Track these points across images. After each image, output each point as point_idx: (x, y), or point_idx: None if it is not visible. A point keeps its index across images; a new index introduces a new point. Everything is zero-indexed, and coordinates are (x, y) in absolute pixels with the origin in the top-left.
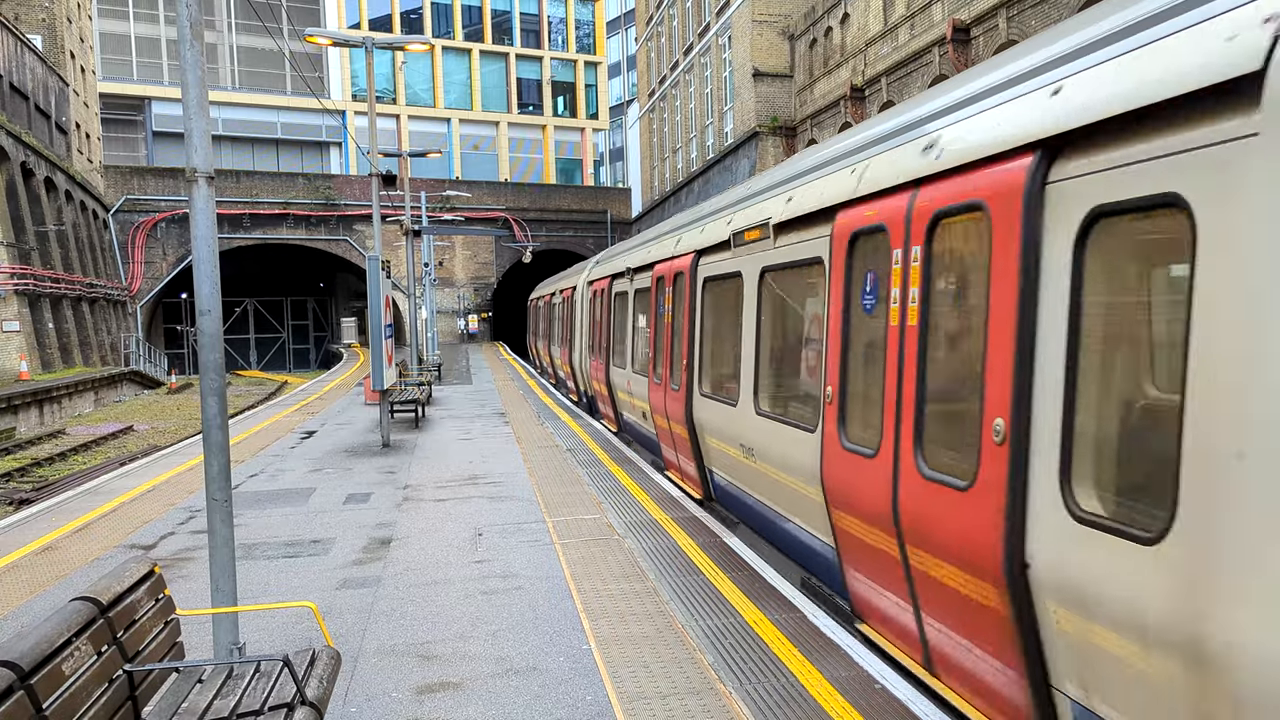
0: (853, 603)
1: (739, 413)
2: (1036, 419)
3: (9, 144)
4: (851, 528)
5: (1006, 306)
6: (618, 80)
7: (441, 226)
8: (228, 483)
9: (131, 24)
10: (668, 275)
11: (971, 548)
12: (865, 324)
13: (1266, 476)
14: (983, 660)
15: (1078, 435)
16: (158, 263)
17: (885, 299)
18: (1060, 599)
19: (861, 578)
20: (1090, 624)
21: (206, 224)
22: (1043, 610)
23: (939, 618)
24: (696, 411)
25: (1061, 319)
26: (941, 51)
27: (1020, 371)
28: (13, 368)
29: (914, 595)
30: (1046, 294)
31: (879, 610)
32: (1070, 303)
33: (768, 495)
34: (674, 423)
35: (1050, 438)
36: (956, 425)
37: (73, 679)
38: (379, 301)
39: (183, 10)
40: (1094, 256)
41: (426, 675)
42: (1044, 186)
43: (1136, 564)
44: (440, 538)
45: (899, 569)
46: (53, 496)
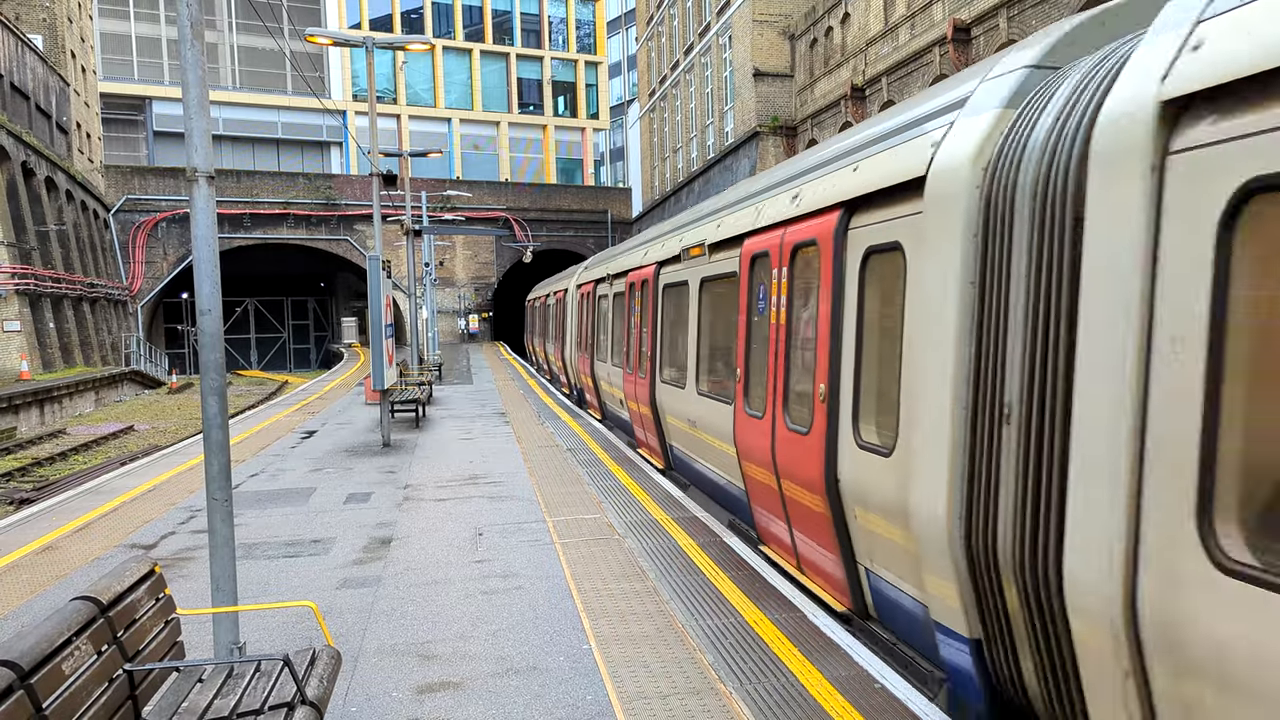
0: (757, 531)
1: (686, 394)
2: (841, 385)
3: (10, 144)
4: (752, 472)
5: (827, 310)
6: (618, 80)
7: (442, 226)
8: (228, 482)
9: (132, 24)
10: (636, 282)
11: (811, 473)
12: (758, 322)
13: (922, 417)
14: (820, 552)
15: (862, 396)
16: (158, 262)
17: (769, 304)
18: (856, 501)
19: (760, 510)
20: (869, 514)
21: (207, 224)
22: (849, 511)
23: (799, 529)
24: (658, 395)
25: (853, 319)
26: (942, 51)
27: (833, 353)
28: (13, 367)
29: (787, 516)
30: (846, 303)
31: (771, 533)
32: (857, 308)
33: (706, 458)
34: (642, 405)
35: (848, 397)
36: (804, 392)
37: (73, 678)
38: (380, 301)
39: (183, 10)
40: (869, 278)
41: (427, 675)
42: (846, 232)
43: (883, 472)
44: (441, 537)
45: (778, 498)
46: (53, 496)
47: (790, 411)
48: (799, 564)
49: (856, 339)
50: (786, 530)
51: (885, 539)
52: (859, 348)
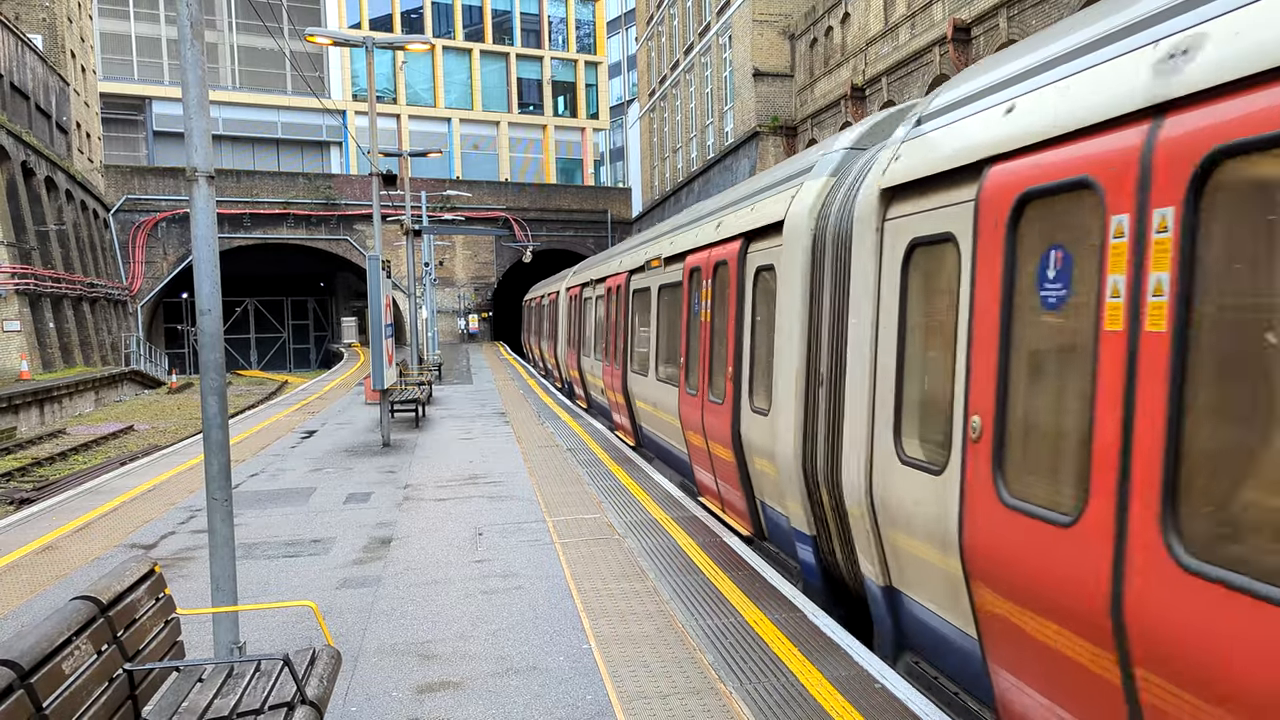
0: (696, 485)
1: (649, 380)
2: (742, 366)
3: (9, 143)
4: (691, 439)
5: (733, 313)
6: (618, 80)
7: (442, 226)
8: (228, 482)
9: (132, 23)
10: (613, 287)
11: (725, 433)
12: (694, 321)
13: (781, 386)
14: (734, 493)
15: (756, 373)
16: (158, 262)
17: (700, 307)
18: (752, 452)
19: (698, 468)
20: (758, 459)
21: (207, 223)
22: (749, 459)
23: (721, 478)
24: (629, 383)
25: (749, 319)
26: (942, 51)
27: (737, 344)
28: (13, 367)
29: (713, 469)
30: (745, 307)
31: (705, 485)
32: (751, 311)
33: (664, 432)
34: (617, 393)
35: (746, 375)
36: (720, 374)
37: (73, 678)
38: (379, 301)
39: (183, 10)
40: (758, 290)
41: (427, 674)
42: (746, 255)
43: (764, 428)
44: (440, 537)
45: (707, 456)
46: (53, 496)
47: (713, 388)
48: (722, 506)
49: (751, 333)
50: (713, 480)
51: (769, 476)
52: (752, 340)
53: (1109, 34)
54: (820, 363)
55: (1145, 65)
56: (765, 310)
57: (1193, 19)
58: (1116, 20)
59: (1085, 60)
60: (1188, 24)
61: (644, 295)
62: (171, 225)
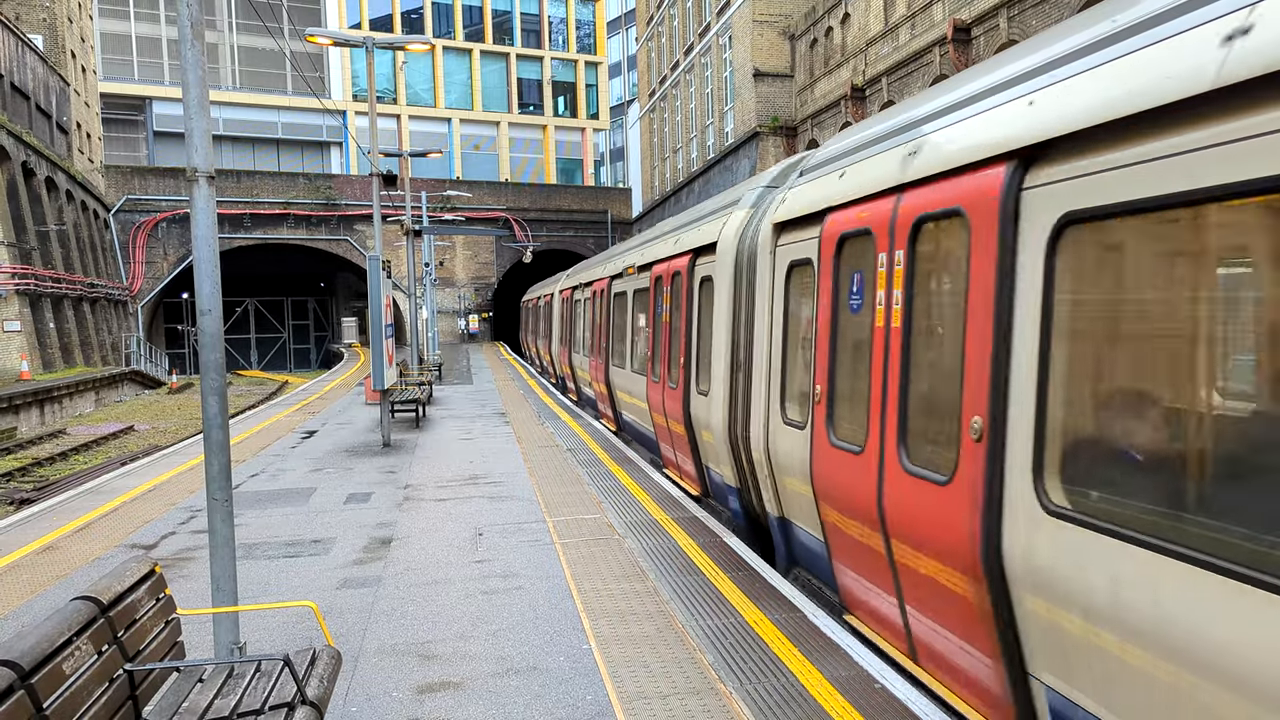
0: (661, 460)
1: (628, 372)
2: (690, 357)
3: (10, 144)
4: (656, 419)
5: (684, 313)
6: (618, 80)
7: (442, 226)
8: (228, 482)
9: (132, 24)
10: (597, 290)
11: (679, 412)
12: (660, 320)
13: (716, 372)
14: (688, 461)
15: (700, 363)
16: (159, 263)
17: (662, 308)
18: (700, 427)
19: (662, 444)
20: (705, 432)
21: (207, 224)
22: (698, 433)
23: (677, 450)
24: (611, 376)
25: (695, 318)
26: (942, 51)
27: (688, 339)
28: (14, 367)
29: (672, 444)
30: (693, 310)
31: (667, 458)
32: (697, 312)
33: (639, 417)
34: (601, 385)
35: (694, 364)
36: (676, 364)
37: (73, 678)
38: (380, 301)
39: (183, 10)
40: (702, 296)
41: (427, 675)
42: (695, 267)
43: (706, 406)
44: (441, 537)
45: (668, 433)
46: (53, 496)
47: (671, 376)
48: (680, 474)
49: (698, 330)
50: (673, 453)
51: (709, 444)
52: (699, 336)
53: (888, 132)
54: (740, 353)
55: (898, 159)
56: (707, 312)
57: (926, 130)
58: (893, 123)
59: (876, 149)
60: (923, 134)
61: (622, 298)
62: (172, 225)
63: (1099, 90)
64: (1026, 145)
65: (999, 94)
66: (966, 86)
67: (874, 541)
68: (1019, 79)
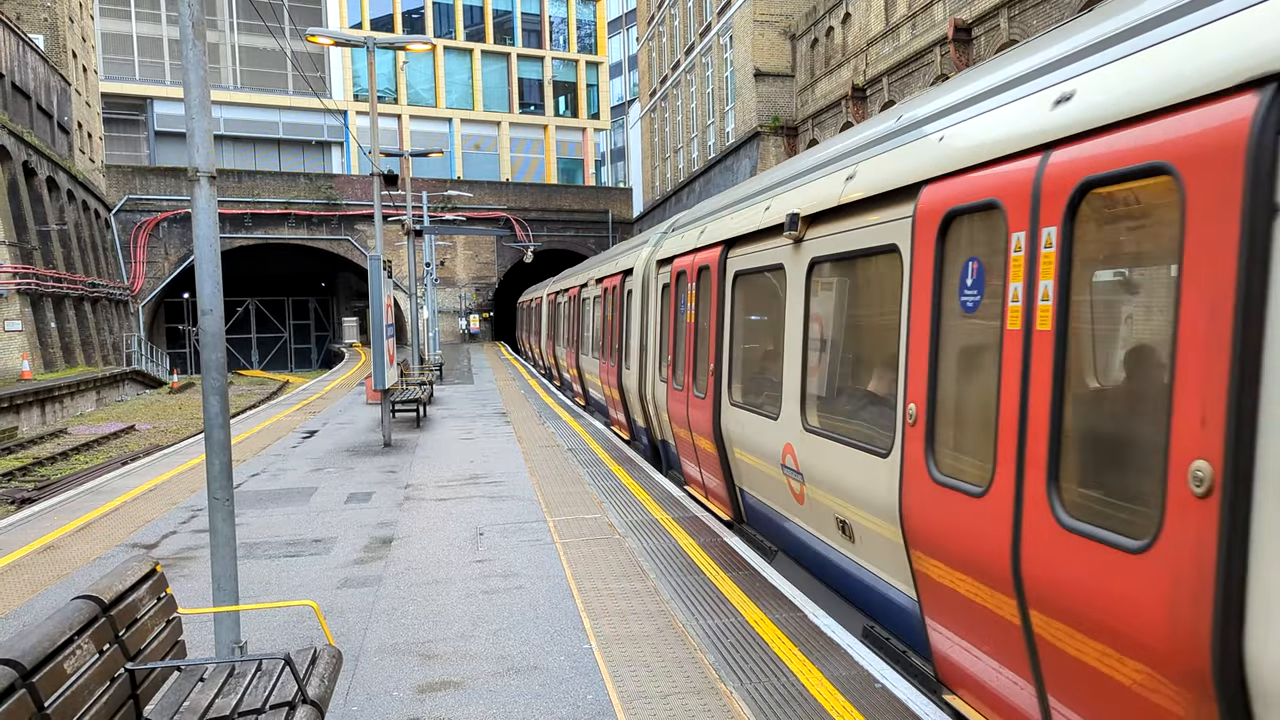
0: (630, 435)
1: (591, 358)
2: (623, 343)
3: (11, 143)
4: (607, 392)
5: (619, 314)
6: (619, 80)
7: (443, 226)
8: (229, 482)
9: (133, 24)
10: (572, 295)
11: (614, 381)
12: (609, 320)
13: (633, 353)
14: (620, 414)
15: (627, 345)
16: (160, 262)
17: (609, 311)
18: (627, 392)
19: (610, 409)
20: (628, 394)
21: (208, 223)
22: (627, 394)
23: (613, 408)
24: (581, 362)
25: (628, 317)
26: (943, 51)
27: (623, 331)
28: (15, 367)
29: (614, 404)
30: (625, 312)
31: (614, 419)
32: (625, 315)
33: (600, 391)
34: (574, 370)
35: (624, 347)
36: (614, 350)
37: (74, 677)
38: (381, 301)
39: (184, 10)
40: (629, 301)
41: (428, 674)
42: (623, 283)
43: (629, 376)
44: (441, 537)
45: (610, 399)
46: (54, 496)
47: (611, 358)
48: (630, 434)
49: (625, 327)
50: (621, 415)
51: (630, 402)
52: (626, 330)
53: (703, 215)
54: (646, 340)
55: (694, 236)
56: (632, 316)
57: (714, 218)
58: (705, 207)
59: (688, 226)
60: (712, 219)
61: (584, 302)
62: (173, 225)
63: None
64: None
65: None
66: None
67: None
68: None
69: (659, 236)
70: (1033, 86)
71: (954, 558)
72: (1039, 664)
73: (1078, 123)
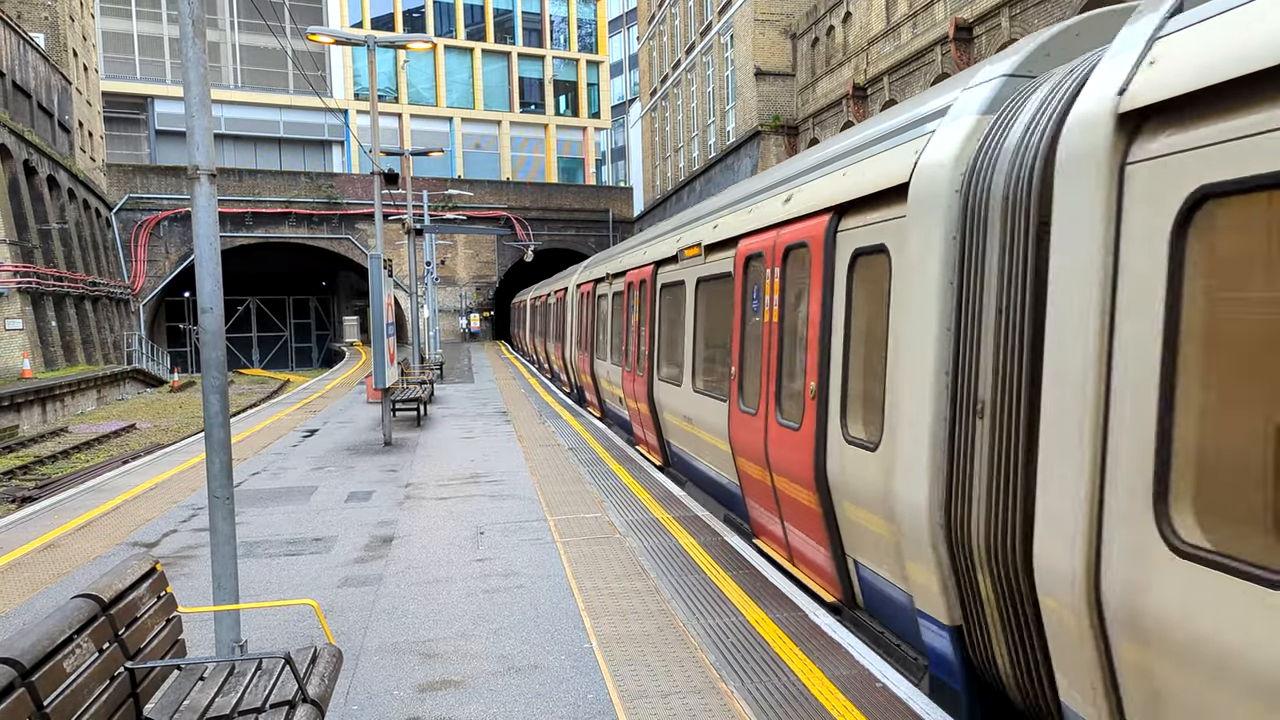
0: (665, 461)
1: (573, 352)
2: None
3: (12, 142)
4: (583, 378)
5: (631, 313)
6: (619, 79)
7: (443, 225)
8: (230, 480)
9: (134, 22)
10: (554, 298)
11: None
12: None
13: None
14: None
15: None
16: (160, 261)
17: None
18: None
19: (608, 405)
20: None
21: (209, 222)
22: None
23: (644, 427)
24: (567, 354)
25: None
26: (944, 50)
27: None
28: (15, 366)
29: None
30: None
31: (588, 399)
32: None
33: (573, 376)
34: (557, 359)
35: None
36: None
37: (74, 676)
38: (381, 300)
39: (185, 8)
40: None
41: (428, 673)
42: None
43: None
44: (442, 536)
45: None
46: (55, 494)
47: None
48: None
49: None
50: (640, 430)
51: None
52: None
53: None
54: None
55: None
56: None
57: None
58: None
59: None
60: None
61: (556, 304)
62: (174, 224)
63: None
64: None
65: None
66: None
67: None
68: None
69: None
70: (776, 192)
71: (748, 455)
72: (780, 504)
73: (790, 214)
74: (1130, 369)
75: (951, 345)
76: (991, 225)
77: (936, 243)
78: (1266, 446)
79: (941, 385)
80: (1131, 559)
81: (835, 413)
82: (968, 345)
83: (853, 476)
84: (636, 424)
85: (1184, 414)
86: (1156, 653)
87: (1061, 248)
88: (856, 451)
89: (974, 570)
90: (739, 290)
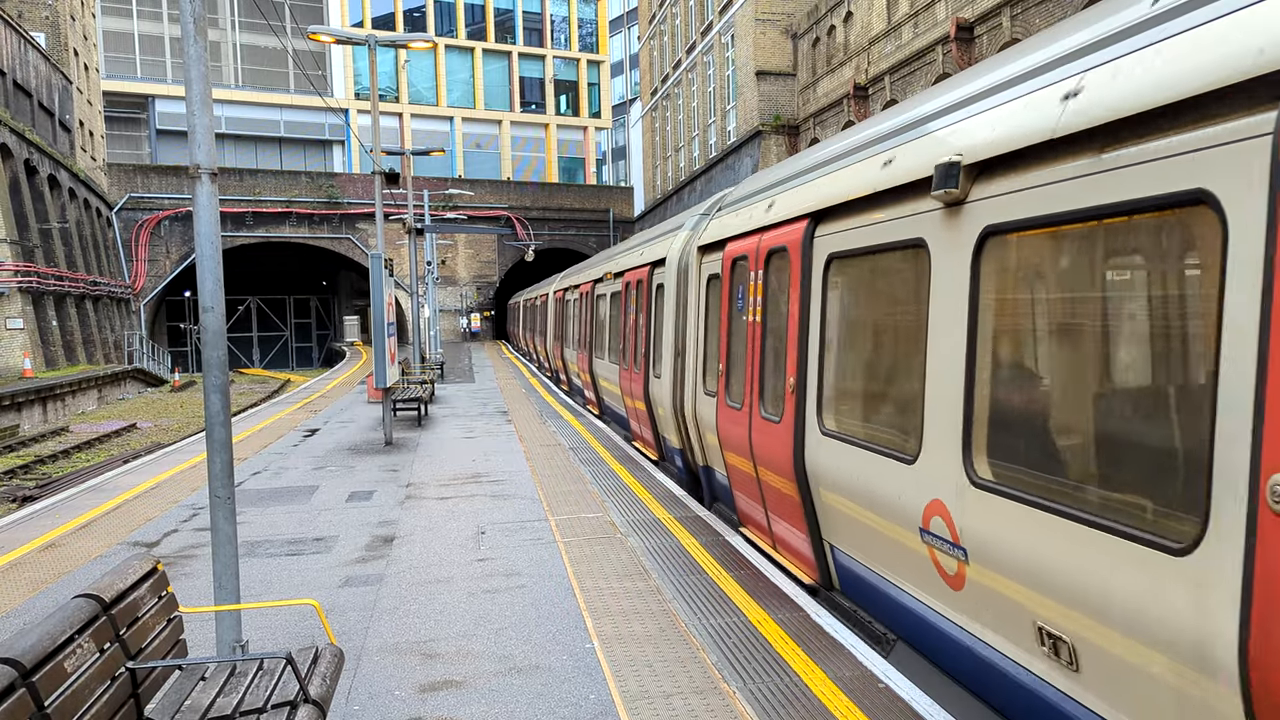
0: (660, 455)
1: (574, 352)
2: (651, 345)
3: (12, 141)
4: (628, 403)
5: (628, 313)
6: (620, 79)
7: (444, 225)
8: (231, 480)
9: (135, 22)
10: (554, 298)
11: (640, 392)
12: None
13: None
14: (647, 431)
15: (656, 349)
16: (161, 260)
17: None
18: (656, 404)
19: (631, 420)
20: (658, 407)
21: (210, 221)
22: (655, 409)
23: (640, 424)
24: (566, 353)
25: (655, 317)
26: (945, 50)
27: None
28: (16, 365)
29: (638, 419)
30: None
31: (636, 433)
32: (656, 312)
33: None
34: (558, 359)
35: (652, 350)
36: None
37: (75, 676)
38: (382, 300)
39: (186, 7)
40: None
41: (429, 673)
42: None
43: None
44: (443, 536)
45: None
46: (56, 494)
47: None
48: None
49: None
50: (639, 427)
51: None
52: (659, 329)
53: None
54: (681, 341)
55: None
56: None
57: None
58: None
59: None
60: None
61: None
62: (174, 223)
63: None
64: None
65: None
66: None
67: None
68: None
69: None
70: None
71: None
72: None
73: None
74: (698, 332)
75: (673, 330)
76: (682, 279)
77: (672, 285)
78: None
79: (673, 343)
80: (689, 399)
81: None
82: (680, 330)
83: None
84: (634, 420)
85: (708, 350)
86: (702, 426)
87: (681, 292)
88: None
89: (683, 422)
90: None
